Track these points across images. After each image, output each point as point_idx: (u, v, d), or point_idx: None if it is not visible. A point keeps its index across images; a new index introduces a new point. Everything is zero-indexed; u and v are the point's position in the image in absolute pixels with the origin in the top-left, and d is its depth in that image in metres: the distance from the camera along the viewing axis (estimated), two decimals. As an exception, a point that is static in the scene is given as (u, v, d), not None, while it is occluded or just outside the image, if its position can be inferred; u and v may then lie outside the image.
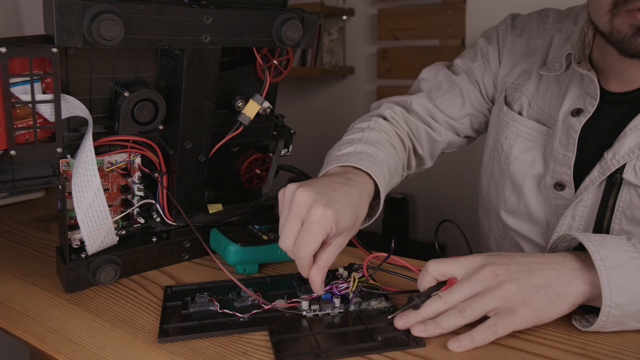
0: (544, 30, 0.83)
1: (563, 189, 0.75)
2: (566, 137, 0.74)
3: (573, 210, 0.73)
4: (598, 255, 0.54)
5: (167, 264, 0.74)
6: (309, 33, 0.72)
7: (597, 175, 0.71)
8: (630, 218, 0.69)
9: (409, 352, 0.52)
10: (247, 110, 0.71)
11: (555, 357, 0.51)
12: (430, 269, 0.57)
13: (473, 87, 0.90)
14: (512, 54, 0.85)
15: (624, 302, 0.52)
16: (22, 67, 0.56)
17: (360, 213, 0.62)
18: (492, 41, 0.88)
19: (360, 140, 0.77)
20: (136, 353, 0.53)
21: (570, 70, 0.77)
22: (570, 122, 0.74)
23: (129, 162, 0.68)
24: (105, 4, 0.56)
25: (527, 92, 0.81)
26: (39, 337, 0.57)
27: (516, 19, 0.88)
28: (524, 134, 0.80)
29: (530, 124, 0.80)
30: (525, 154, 0.80)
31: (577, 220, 0.74)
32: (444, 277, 0.58)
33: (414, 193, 2.51)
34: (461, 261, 0.57)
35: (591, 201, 0.72)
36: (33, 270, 0.73)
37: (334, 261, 0.59)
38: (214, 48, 0.66)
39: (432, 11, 2.30)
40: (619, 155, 0.69)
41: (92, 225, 0.63)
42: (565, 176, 0.74)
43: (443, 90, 0.90)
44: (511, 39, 0.86)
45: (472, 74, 0.89)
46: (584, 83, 0.74)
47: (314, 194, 0.58)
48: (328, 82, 2.73)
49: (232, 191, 0.82)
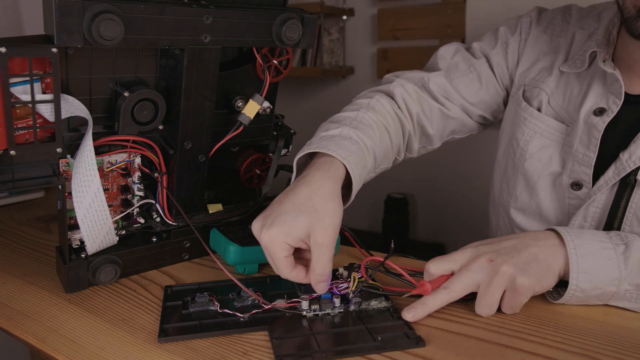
0: (567, 28, 0.82)
1: (580, 188, 0.74)
2: (588, 137, 0.73)
3: (585, 210, 0.73)
4: (572, 244, 0.59)
5: (167, 264, 0.74)
6: (309, 33, 0.72)
7: (612, 176, 0.70)
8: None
9: (409, 352, 0.52)
10: (247, 110, 0.71)
11: (555, 357, 0.51)
12: (432, 270, 0.60)
13: (491, 74, 0.88)
14: (533, 49, 0.84)
15: (589, 288, 0.58)
16: (22, 67, 0.56)
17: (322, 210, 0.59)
18: (515, 33, 0.86)
19: (352, 121, 0.75)
20: (136, 353, 0.53)
21: (592, 69, 0.75)
22: (592, 121, 0.72)
23: (129, 162, 0.68)
24: (105, 4, 0.56)
25: (547, 88, 0.79)
26: (39, 337, 0.57)
27: (542, 13, 0.86)
28: (541, 130, 0.79)
29: (549, 121, 0.78)
30: (542, 152, 0.79)
31: (588, 221, 0.73)
32: (446, 274, 0.60)
33: (414, 193, 2.51)
34: (455, 255, 0.61)
35: (603, 202, 0.72)
36: (33, 270, 0.73)
37: (335, 261, 0.59)
38: (214, 48, 0.66)
39: (432, 11, 2.30)
40: (635, 157, 0.68)
41: (92, 225, 0.63)
42: (584, 176, 0.73)
43: (460, 71, 0.88)
44: (535, 33, 0.84)
45: (490, 60, 0.88)
46: (606, 82, 0.73)
47: (261, 220, 0.60)
48: (328, 82, 2.73)
49: (232, 191, 0.82)
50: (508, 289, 0.58)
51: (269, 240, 0.58)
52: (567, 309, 0.61)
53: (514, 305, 0.59)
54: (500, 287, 0.57)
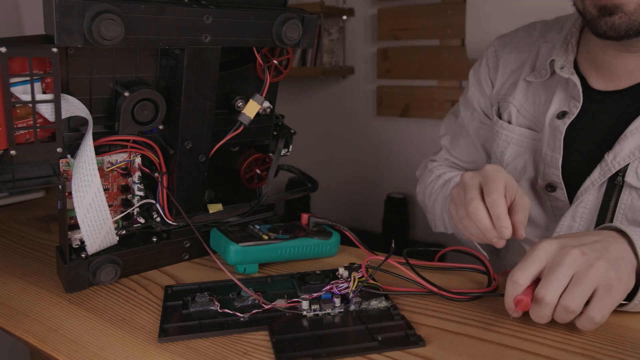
0: (532, 43, 0.86)
1: (554, 190, 0.77)
2: (553, 140, 0.76)
3: (573, 211, 0.74)
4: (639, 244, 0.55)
5: (167, 264, 0.74)
6: (309, 33, 0.72)
7: (598, 176, 0.72)
8: (631, 220, 0.70)
9: (409, 352, 0.52)
10: (247, 110, 0.71)
11: (555, 357, 0.51)
12: (520, 280, 0.54)
13: (473, 118, 0.94)
14: (504, 71, 0.88)
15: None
16: (22, 67, 0.56)
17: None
18: (482, 64, 0.92)
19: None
20: (136, 353, 0.53)
21: (557, 76, 0.79)
22: (555, 124, 0.76)
23: (129, 162, 0.68)
24: (105, 4, 0.56)
25: (515, 100, 0.84)
26: (39, 337, 0.57)
27: (503, 38, 0.92)
28: (514, 140, 0.83)
29: (520, 130, 0.83)
30: (517, 160, 0.83)
31: (577, 222, 0.75)
32: (533, 279, 0.55)
33: (414, 193, 2.51)
34: (537, 254, 0.55)
35: (592, 203, 0.73)
36: (33, 270, 0.73)
37: (335, 261, 0.59)
38: (214, 48, 0.66)
39: (432, 11, 2.30)
40: (619, 157, 0.70)
41: (92, 225, 0.63)
42: (555, 177, 0.76)
43: (455, 138, 0.97)
44: (503, 57, 0.89)
45: (470, 105, 0.94)
46: (569, 87, 0.77)
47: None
48: (328, 82, 2.73)
49: (232, 191, 0.82)
50: (601, 286, 0.52)
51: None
52: (567, 309, 0.61)
53: (604, 306, 0.52)
54: (595, 281, 0.51)
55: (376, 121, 2.59)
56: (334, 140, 2.76)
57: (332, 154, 2.77)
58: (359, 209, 2.70)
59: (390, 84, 2.51)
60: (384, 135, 2.58)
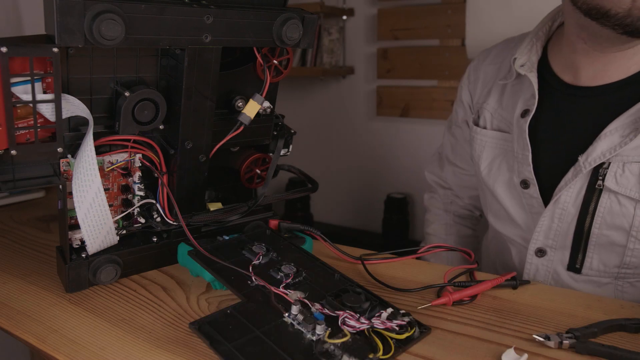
0: (507, 51, 0.90)
1: (528, 187, 0.79)
2: (520, 138, 0.79)
3: (551, 211, 0.77)
4: None
5: (167, 264, 0.74)
6: (309, 33, 0.72)
7: (571, 176, 0.74)
8: (610, 224, 0.73)
9: (409, 352, 0.52)
10: (248, 110, 0.71)
11: (556, 357, 0.51)
12: None
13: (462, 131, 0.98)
14: (483, 81, 0.92)
15: None
16: (22, 67, 0.56)
17: None
18: (464, 80, 0.97)
19: None
20: (136, 353, 0.53)
21: (524, 78, 0.82)
22: (520, 123, 0.80)
23: (130, 162, 0.68)
24: (106, 4, 0.56)
25: (489, 105, 0.88)
26: (39, 337, 0.57)
27: (485, 51, 0.96)
28: (489, 143, 0.87)
29: (493, 134, 0.86)
30: (493, 162, 0.86)
31: (555, 222, 0.77)
32: None
33: (414, 193, 2.51)
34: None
35: (570, 205, 0.75)
36: (33, 270, 0.73)
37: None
38: (215, 48, 0.66)
39: (432, 11, 2.30)
40: (590, 158, 0.72)
41: (93, 225, 0.63)
42: (528, 173, 0.79)
43: (453, 149, 1.02)
44: (484, 69, 0.93)
45: (457, 120, 0.99)
46: (532, 86, 0.79)
47: None
48: (328, 82, 2.73)
49: (232, 191, 0.83)
50: None
51: None
52: (568, 309, 0.61)
53: None
54: None
55: (376, 121, 2.59)
56: (334, 141, 2.76)
57: (332, 154, 2.77)
58: (359, 209, 2.70)
59: (390, 84, 2.51)
60: (384, 135, 2.58)
